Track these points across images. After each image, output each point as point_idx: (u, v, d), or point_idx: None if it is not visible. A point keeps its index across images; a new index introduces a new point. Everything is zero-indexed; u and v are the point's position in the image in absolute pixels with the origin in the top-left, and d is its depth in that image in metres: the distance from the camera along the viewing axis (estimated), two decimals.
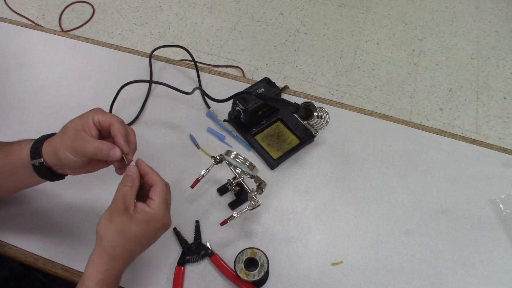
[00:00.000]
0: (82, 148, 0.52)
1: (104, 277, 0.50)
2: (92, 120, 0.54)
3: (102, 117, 0.55)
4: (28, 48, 0.94)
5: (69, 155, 0.52)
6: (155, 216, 0.51)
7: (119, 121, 0.56)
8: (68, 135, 0.53)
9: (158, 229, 0.53)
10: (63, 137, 0.53)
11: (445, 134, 0.83)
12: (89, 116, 0.54)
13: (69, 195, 0.72)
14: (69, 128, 0.54)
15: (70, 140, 0.53)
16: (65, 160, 0.53)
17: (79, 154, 0.52)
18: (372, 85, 1.97)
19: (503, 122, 1.87)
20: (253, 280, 0.60)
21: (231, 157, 0.62)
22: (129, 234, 0.50)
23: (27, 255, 0.66)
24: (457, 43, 2.17)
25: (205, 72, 0.91)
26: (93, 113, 0.55)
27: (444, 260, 0.68)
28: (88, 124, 0.54)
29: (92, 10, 2.20)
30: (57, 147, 0.53)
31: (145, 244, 0.53)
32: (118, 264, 0.51)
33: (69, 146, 0.52)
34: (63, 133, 0.54)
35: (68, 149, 0.52)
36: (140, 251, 0.54)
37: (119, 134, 0.54)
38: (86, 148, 0.52)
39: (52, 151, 0.54)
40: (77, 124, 0.54)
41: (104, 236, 0.51)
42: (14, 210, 0.70)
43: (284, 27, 2.19)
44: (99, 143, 0.53)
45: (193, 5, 2.26)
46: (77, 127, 0.53)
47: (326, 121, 0.76)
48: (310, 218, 0.72)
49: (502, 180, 0.77)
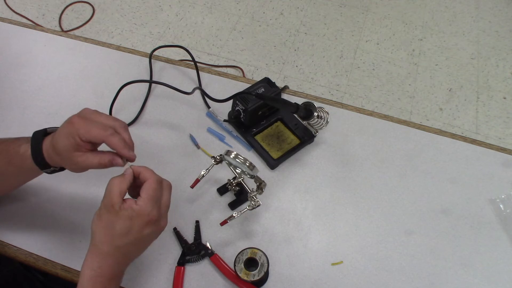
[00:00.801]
0: (86, 166, 0.54)
1: (96, 274, 0.50)
2: (80, 140, 0.52)
3: (89, 136, 0.52)
4: (28, 48, 0.94)
5: (76, 170, 0.56)
6: (140, 213, 0.50)
7: (109, 134, 0.53)
8: (65, 157, 0.53)
9: (142, 225, 0.50)
10: (62, 159, 0.54)
11: (445, 134, 0.83)
12: (74, 136, 0.52)
13: (69, 195, 0.72)
14: (62, 149, 0.53)
15: (70, 161, 0.54)
16: (72, 171, 0.57)
17: (84, 169, 0.55)
18: (372, 85, 1.97)
19: (503, 122, 1.87)
20: (253, 280, 0.60)
21: (231, 157, 0.62)
22: (114, 231, 0.50)
23: (27, 255, 0.66)
24: (457, 43, 2.17)
25: (205, 72, 0.91)
26: (76, 131, 0.52)
27: (444, 260, 0.68)
28: (79, 144, 0.52)
29: (92, 10, 2.20)
30: (60, 163, 0.56)
31: (135, 243, 0.52)
32: (108, 261, 0.51)
33: (73, 167, 0.55)
34: (58, 153, 0.53)
35: (73, 169, 0.56)
36: (132, 249, 0.52)
37: (119, 147, 0.53)
38: (88, 165, 0.54)
39: (52, 161, 0.56)
40: (67, 147, 0.52)
41: (94, 233, 0.51)
42: (14, 210, 0.70)
43: (284, 27, 2.19)
44: (99, 158, 0.53)
45: (193, 5, 2.26)
46: (69, 149, 0.52)
47: (326, 121, 0.76)
48: (310, 218, 0.72)
49: (502, 180, 0.77)
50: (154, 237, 0.54)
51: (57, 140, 0.53)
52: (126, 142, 0.54)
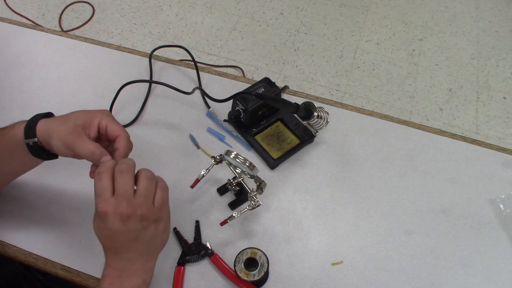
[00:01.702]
0: (75, 145, 0.51)
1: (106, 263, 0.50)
2: (98, 123, 0.53)
3: (112, 126, 0.53)
4: (28, 48, 0.94)
5: (60, 146, 0.52)
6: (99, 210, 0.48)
7: (127, 136, 0.54)
8: (67, 126, 0.52)
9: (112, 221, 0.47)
10: (61, 125, 0.52)
11: (445, 134, 0.83)
12: (96, 116, 0.53)
13: (69, 195, 0.72)
14: (71, 119, 0.52)
15: (66, 131, 0.51)
16: (55, 148, 0.53)
17: (69, 149, 0.52)
18: (372, 85, 1.97)
19: (503, 122, 1.87)
20: (253, 280, 0.60)
21: (231, 157, 0.62)
22: (96, 231, 0.50)
23: (27, 255, 0.66)
24: (457, 43, 2.17)
25: (205, 72, 0.91)
26: (102, 115, 0.53)
27: (444, 260, 0.68)
28: (92, 124, 0.53)
29: (92, 10, 2.20)
30: (52, 132, 0.52)
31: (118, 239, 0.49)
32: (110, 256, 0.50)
33: (63, 137, 0.52)
34: (63, 121, 0.53)
35: (61, 140, 0.52)
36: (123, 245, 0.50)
37: (123, 150, 0.54)
38: (78, 146, 0.51)
39: (47, 132, 0.53)
40: (80, 118, 0.52)
41: None
42: (14, 210, 0.70)
43: (284, 27, 2.19)
44: (93, 146, 0.52)
45: (193, 5, 2.26)
46: (78, 122, 0.52)
47: (326, 121, 0.76)
48: (310, 218, 0.72)
49: (502, 180, 0.77)
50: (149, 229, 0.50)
51: (74, 112, 0.53)
52: (127, 152, 0.55)
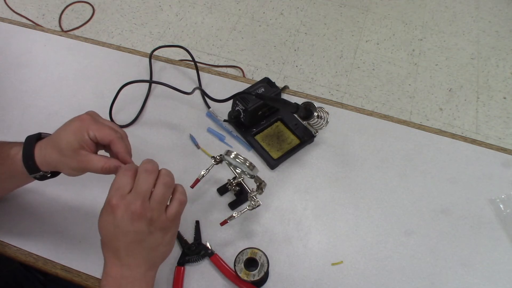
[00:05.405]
0: (88, 168, 0.53)
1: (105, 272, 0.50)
2: (88, 137, 0.52)
3: (99, 134, 0.53)
4: (28, 48, 0.94)
5: (74, 173, 0.54)
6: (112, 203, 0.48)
7: (118, 136, 0.54)
8: (68, 155, 0.52)
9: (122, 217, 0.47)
10: (63, 157, 0.52)
11: (445, 134, 0.83)
12: (83, 132, 0.52)
13: (69, 195, 0.72)
14: (65, 146, 0.52)
15: (72, 160, 0.52)
16: (68, 174, 0.55)
17: (83, 171, 0.54)
18: (372, 85, 1.97)
19: (503, 122, 1.87)
20: (253, 280, 0.60)
21: (231, 157, 0.62)
22: (101, 226, 0.50)
23: (27, 255, 0.66)
24: (457, 43, 2.17)
25: (205, 72, 0.91)
26: (86, 127, 0.53)
27: (444, 260, 0.68)
28: (85, 142, 0.52)
29: (92, 10, 2.20)
30: (57, 165, 0.54)
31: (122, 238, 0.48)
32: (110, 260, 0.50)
33: (73, 167, 0.53)
34: (59, 150, 0.52)
35: (72, 169, 0.54)
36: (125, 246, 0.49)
37: (123, 152, 0.54)
38: (91, 167, 0.53)
39: (53, 166, 0.54)
40: (73, 143, 0.52)
41: None
42: (14, 211, 0.70)
43: (284, 27, 2.19)
44: (104, 162, 0.52)
45: (193, 5, 2.26)
46: (74, 146, 0.52)
47: (326, 121, 0.76)
48: (310, 218, 0.72)
49: (502, 180, 0.77)
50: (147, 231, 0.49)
51: (61, 136, 0.53)
52: (128, 149, 0.55)
